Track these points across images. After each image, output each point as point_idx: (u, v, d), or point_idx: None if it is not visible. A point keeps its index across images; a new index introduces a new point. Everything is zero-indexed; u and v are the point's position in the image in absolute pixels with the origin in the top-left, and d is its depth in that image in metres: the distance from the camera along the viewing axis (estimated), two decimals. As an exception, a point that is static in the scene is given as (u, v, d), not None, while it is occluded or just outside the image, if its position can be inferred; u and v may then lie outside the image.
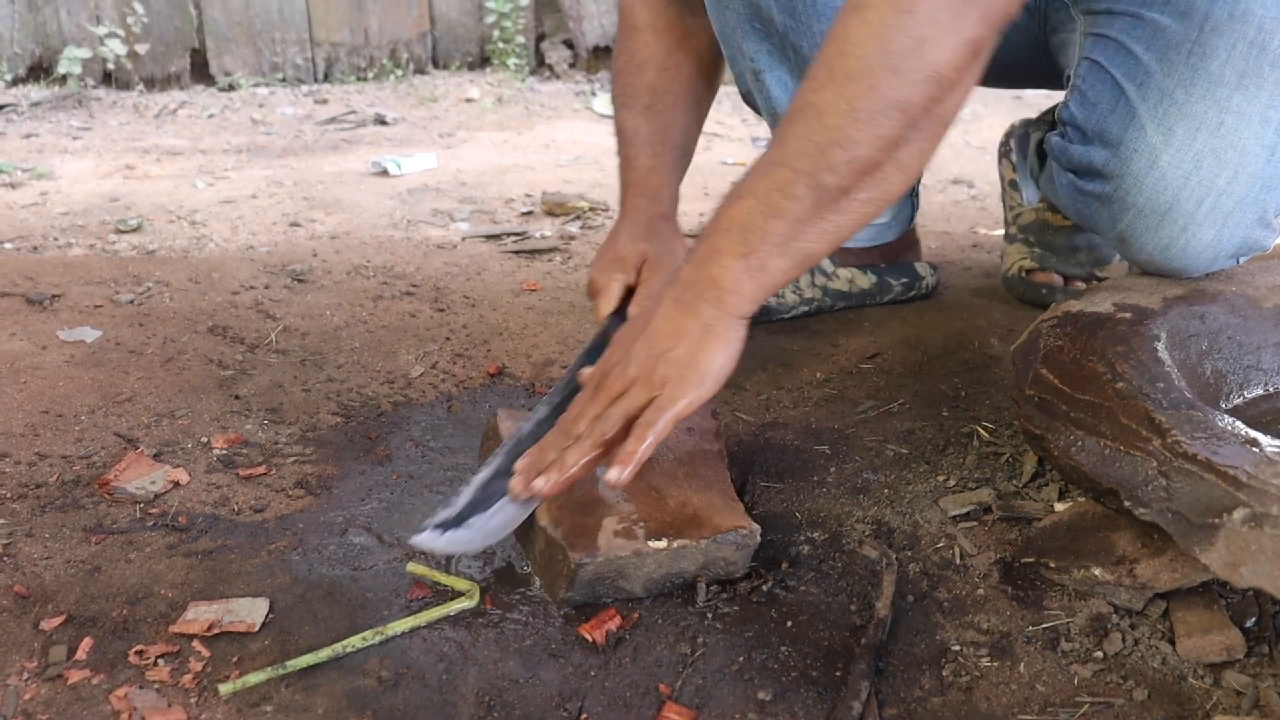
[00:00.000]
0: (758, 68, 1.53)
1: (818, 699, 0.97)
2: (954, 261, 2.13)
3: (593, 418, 1.12)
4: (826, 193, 1.06)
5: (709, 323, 1.11)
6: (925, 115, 1.04)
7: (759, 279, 1.10)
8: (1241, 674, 0.99)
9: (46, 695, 0.96)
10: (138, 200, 2.59)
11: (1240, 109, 1.25)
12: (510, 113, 3.77)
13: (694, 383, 1.10)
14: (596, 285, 1.50)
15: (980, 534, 1.21)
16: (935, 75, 1.02)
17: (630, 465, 1.07)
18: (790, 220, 1.07)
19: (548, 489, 1.10)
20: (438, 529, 1.11)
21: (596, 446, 1.10)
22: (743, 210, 1.09)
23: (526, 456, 1.15)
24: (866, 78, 1.02)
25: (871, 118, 1.03)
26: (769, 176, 1.08)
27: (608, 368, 1.15)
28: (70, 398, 1.50)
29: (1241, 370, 1.24)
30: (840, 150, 1.04)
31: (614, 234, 1.55)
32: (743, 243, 1.09)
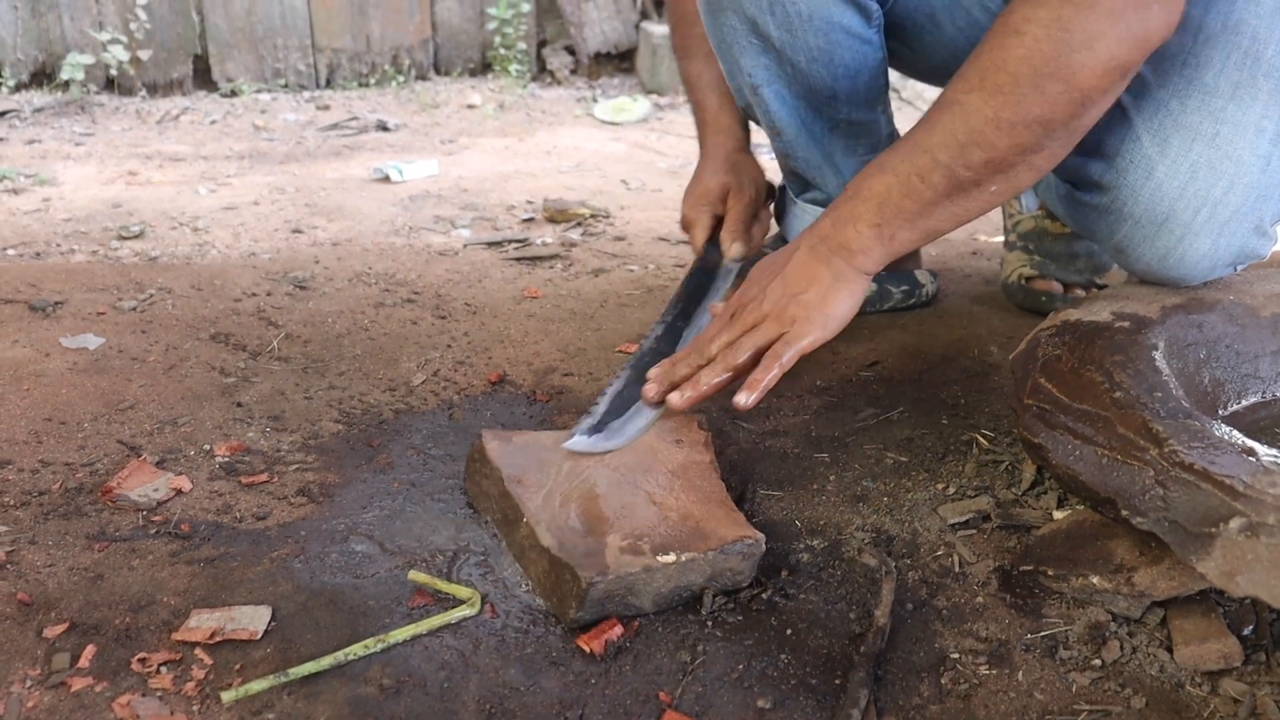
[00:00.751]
0: (755, 83, 1.53)
1: (817, 707, 0.98)
2: (954, 269, 2.13)
3: (726, 343, 1.26)
4: (960, 183, 1.18)
5: (839, 273, 1.25)
6: (1064, 128, 1.15)
7: (888, 245, 1.24)
8: (1239, 682, 0.99)
9: (50, 703, 0.97)
10: (140, 207, 2.60)
11: (1235, 119, 1.25)
12: (512, 119, 3.78)
13: (819, 323, 1.24)
14: (688, 220, 1.67)
15: (979, 542, 1.22)
16: (1082, 97, 1.11)
17: (757, 391, 1.21)
18: (923, 202, 1.20)
19: (683, 403, 1.25)
20: (584, 434, 1.28)
21: (728, 370, 1.24)
22: (883, 184, 1.22)
23: (659, 367, 1.30)
24: (1014, 93, 1.12)
25: (1013, 129, 1.13)
26: (911, 159, 1.19)
27: (744, 300, 1.29)
28: (73, 405, 1.51)
29: (1239, 378, 1.25)
30: (979, 151, 1.15)
31: (698, 171, 1.71)
32: (878, 213, 1.22)
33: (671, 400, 1.25)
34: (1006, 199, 1.23)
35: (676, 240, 2.36)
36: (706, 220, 1.66)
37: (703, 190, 1.68)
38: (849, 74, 1.51)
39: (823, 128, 1.60)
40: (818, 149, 1.63)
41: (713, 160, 1.71)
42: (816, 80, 1.51)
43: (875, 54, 1.52)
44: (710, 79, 1.72)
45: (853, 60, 1.49)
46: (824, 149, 1.63)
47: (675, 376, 1.28)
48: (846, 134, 1.62)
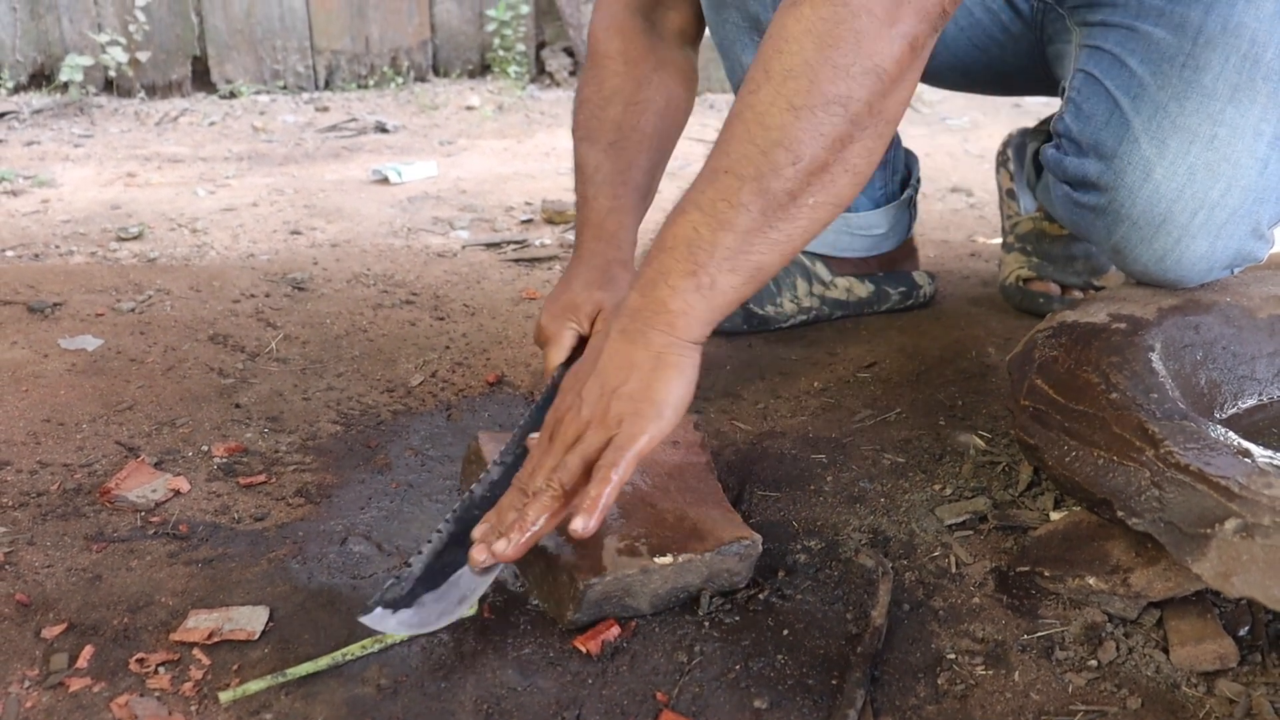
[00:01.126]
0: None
1: (814, 707, 0.98)
2: (952, 270, 2.14)
3: (550, 469, 1.05)
4: (774, 198, 1.02)
5: (660, 351, 1.06)
6: (868, 112, 1.02)
7: (709, 298, 1.05)
8: (1235, 683, 0.99)
9: (48, 703, 0.97)
10: (139, 208, 2.60)
11: (1233, 122, 1.26)
12: (510, 120, 3.78)
13: (651, 416, 1.04)
14: (546, 333, 1.42)
15: (976, 543, 1.22)
16: (875, 69, 1.00)
17: (595, 513, 1.00)
18: (738, 231, 1.03)
19: (511, 552, 1.02)
20: (387, 608, 1.03)
21: (558, 499, 1.04)
22: (688, 225, 1.05)
23: (484, 523, 1.07)
24: (805, 74, 1.00)
25: (813, 115, 1.00)
26: (713, 186, 1.04)
27: (560, 414, 1.09)
28: (71, 406, 1.51)
29: (1236, 380, 1.25)
30: (784, 151, 1.01)
31: (567, 278, 1.47)
32: (690, 259, 1.04)
33: (497, 550, 1.02)
34: (831, 216, 1.07)
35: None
36: (568, 338, 1.41)
37: (569, 302, 1.42)
38: None
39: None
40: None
41: (588, 269, 1.46)
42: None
43: None
44: (607, 174, 1.52)
45: None
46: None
47: (504, 525, 1.04)
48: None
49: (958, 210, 2.73)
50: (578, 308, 1.41)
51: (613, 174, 1.52)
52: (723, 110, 3.90)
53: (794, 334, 1.81)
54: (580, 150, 1.57)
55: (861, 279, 1.86)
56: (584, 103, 1.59)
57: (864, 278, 1.86)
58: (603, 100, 1.56)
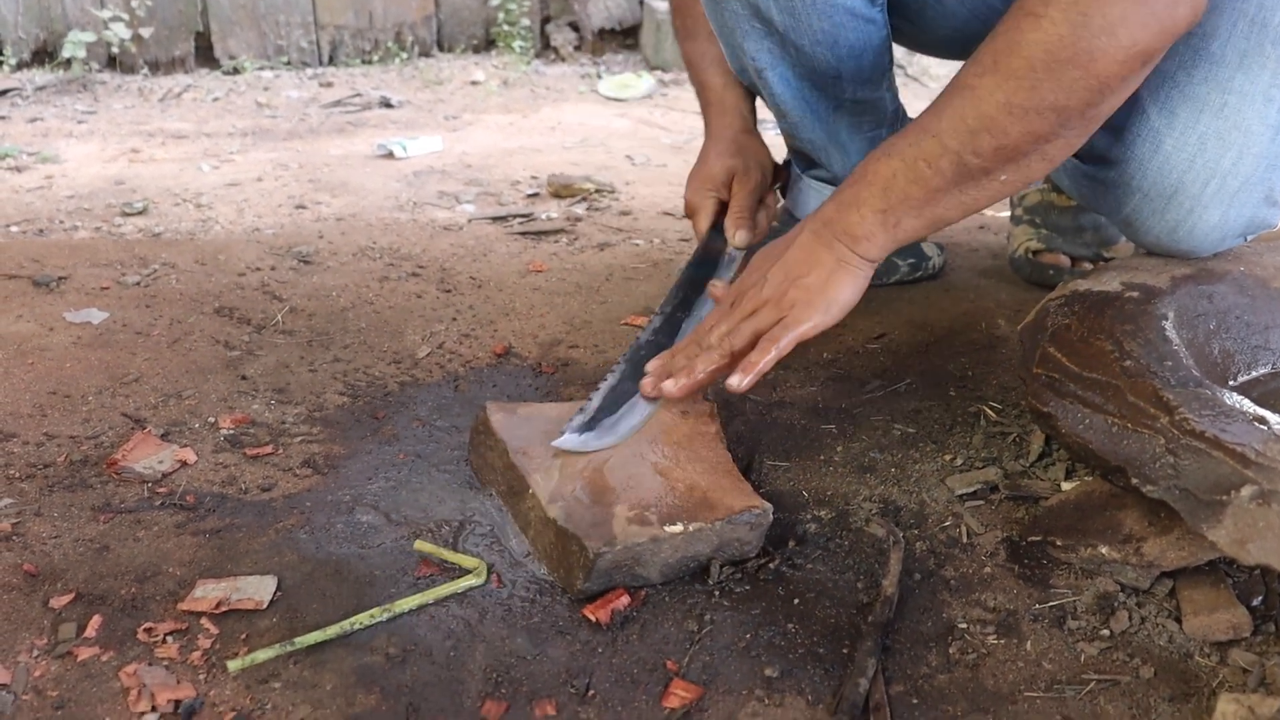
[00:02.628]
0: (759, 66, 1.51)
1: (825, 676, 0.98)
2: (960, 243, 2.12)
3: (725, 331, 1.21)
4: (968, 171, 1.13)
5: (842, 258, 1.20)
6: (1080, 117, 1.10)
7: (893, 233, 1.19)
8: (1248, 652, 0.99)
9: (56, 672, 0.97)
10: (143, 183, 2.59)
11: (1243, 89, 1.24)
12: (516, 95, 3.76)
13: (820, 308, 1.19)
14: (692, 205, 1.59)
15: (987, 513, 1.21)
16: (1099, 85, 1.07)
17: (752, 374, 1.16)
18: (930, 189, 1.15)
19: (677, 391, 1.20)
20: (575, 432, 1.21)
21: (725, 357, 1.20)
22: (889, 169, 1.17)
23: (658, 359, 1.26)
24: (1029, 78, 1.07)
25: (1026, 115, 1.09)
26: (918, 145, 1.15)
27: (744, 288, 1.24)
28: (77, 379, 1.51)
29: (1249, 350, 1.24)
30: (990, 137, 1.10)
31: (702, 154, 1.62)
32: (883, 198, 1.17)
33: (665, 389, 1.21)
34: (1017, 190, 1.18)
35: (682, 215, 2.35)
36: (710, 206, 1.57)
37: (707, 174, 1.60)
38: (853, 54, 1.49)
39: (827, 108, 1.59)
40: (823, 129, 1.62)
41: (718, 142, 1.62)
42: (820, 62, 1.49)
43: (879, 33, 1.50)
44: (714, 57, 1.65)
45: (857, 40, 1.48)
46: (829, 129, 1.62)
47: (673, 368, 1.23)
48: (851, 113, 1.60)
49: (965, 184, 2.71)
50: (715, 177, 1.58)
51: (718, 57, 1.64)
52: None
53: (802, 306, 1.80)
54: (685, 47, 1.72)
55: (870, 251, 1.85)
56: (678, 7, 1.74)
57: (873, 250, 1.86)
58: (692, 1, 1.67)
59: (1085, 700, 0.95)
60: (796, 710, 0.94)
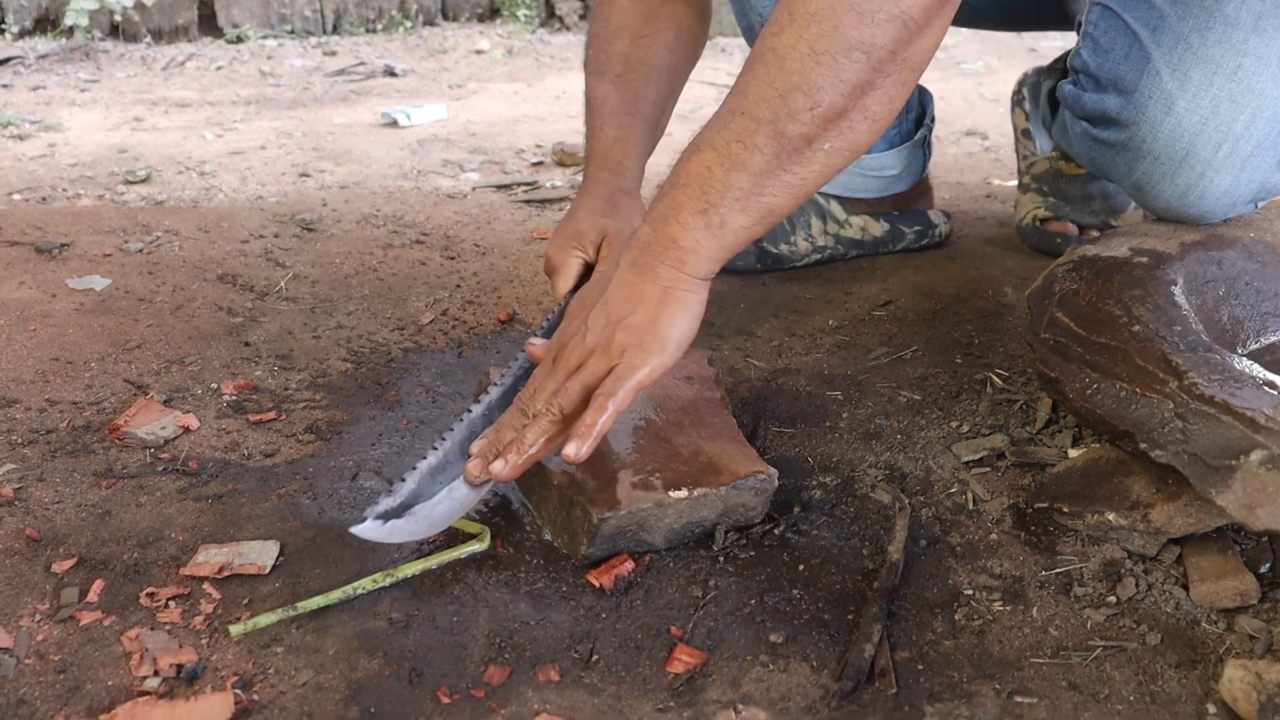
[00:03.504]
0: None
1: (829, 642, 0.97)
2: (967, 211, 2.11)
3: (551, 393, 1.08)
4: (789, 142, 1.02)
5: (668, 285, 1.07)
6: (892, 59, 1.00)
7: (719, 236, 1.06)
8: (1255, 619, 0.98)
9: (59, 636, 0.96)
10: (146, 152, 2.58)
11: (1257, 51, 1.23)
12: (520, 64, 3.75)
13: (654, 349, 1.06)
14: (553, 263, 1.41)
15: (993, 480, 1.21)
16: (901, 15, 0.98)
17: (589, 439, 1.02)
18: (751, 172, 1.03)
19: (507, 472, 1.05)
20: (379, 519, 1.05)
21: (556, 423, 1.06)
22: (701, 164, 1.05)
23: (482, 438, 1.10)
24: (829, 18, 0.98)
25: (835, 60, 0.98)
26: (728, 127, 1.03)
27: (564, 340, 1.11)
28: (80, 345, 1.50)
29: (1259, 316, 1.23)
30: (803, 96, 1.00)
31: (574, 209, 1.46)
32: (702, 198, 1.05)
33: (494, 470, 1.05)
34: (847, 161, 1.06)
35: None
36: (574, 267, 1.39)
37: (575, 231, 1.41)
38: None
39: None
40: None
41: (593, 198, 1.45)
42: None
43: None
44: (614, 105, 1.52)
45: None
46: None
47: (501, 443, 1.08)
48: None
49: (972, 153, 2.70)
50: (583, 235, 1.40)
51: (619, 105, 1.51)
52: (733, 54, 3.87)
53: (809, 272, 1.79)
54: (589, 84, 1.56)
55: (877, 218, 1.84)
56: (593, 38, 1.58)
57: (879, 217, 1.84)
58: (610, 34, 1.55)
59: (1091, 666, 0.94)
60: (801, 675, 0.93)
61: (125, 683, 0.91)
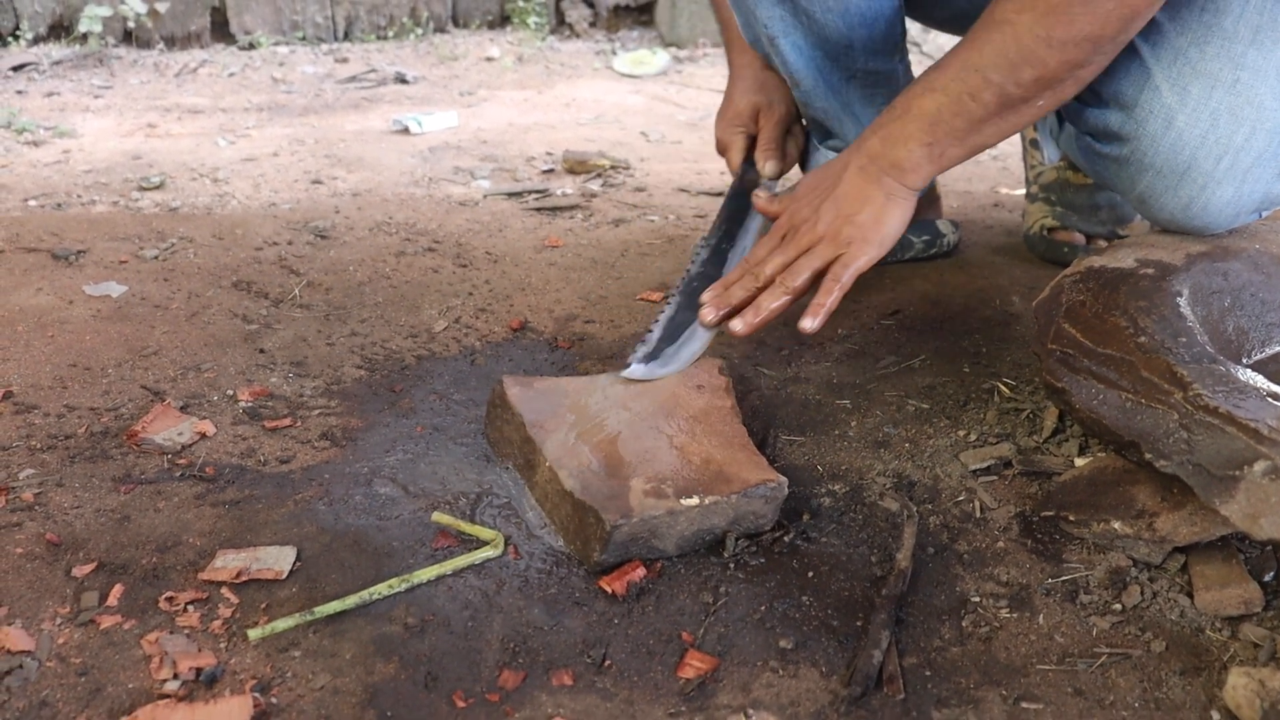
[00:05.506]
0: (771, 34, 1.51)
1: (838, 648, 0.99)
2: (975, 220, 2.12)
3: (781, 265, 1.29)
4: (1010, 100, 1.21)
5: (890, 192, 1.29)
6: (1112, 43, 1.18)
7: (938, 162, 1.28)
8: (1259, 627, 1.00)
9: (80, 640, 0.98)
10: (160, 158, 2.60)
11: (1255, 64, 1.24)
12: (530, 71, 3.76)
13: (875, 243, 1.28)
14: (722, 142, 1.66)
15: (1000, 488, 1.22)
16: (1130, 11, 1.14)
17: (821, 315, 1.26)
18: (974, 120, 1.24)
19: (745, 329, 1.28)
20: (640, 362, 1.30)
21: (789, 293, 1.28)
22: (933, 104, 1.25)
23: (712, 290, 1.33)
24: (1066, 12, 1.14)
25: (1064, 47, 1.16)
26: (961, 79, 1.22)
27: (795, 221, 1.32)
28: (97, 351, 1.52)
29: (1264, 327, 1.24)
30: (1030, 69, 1.18)
31: (728, 93, 1.70)
32: (930, 131, 1.26)
33: (734, 327, 1.28)
34: (1050, 111, 1.27)
35: (697, 191, 2.36)
36: (740, 141, 1.65)
37: (734, 112, 1.67)
38: (865, 23, 1.49)
39: (840, 78, 1.59)
40: (836, 99, 1.62)
41: (741, 81, 1.69)
42: (832, 30, 1.49)
43: (891, 2, 1.50)
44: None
45: (867, 8, 1.48)
46: (842, 99, 1.62)
47: (731, 299, 1.30)
48: (864, 84, 1.60)
49: (980, 162, 2.71)
50: (741, 113, 1.66)
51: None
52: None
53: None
54: None
55: (885, 227, 1.86)
56: None
57: (888, 226, 1.86)
58: None
59: (1097, 673, 0.96)
60: (810, 681, 0.95)
61: (145, 685, 0.93)
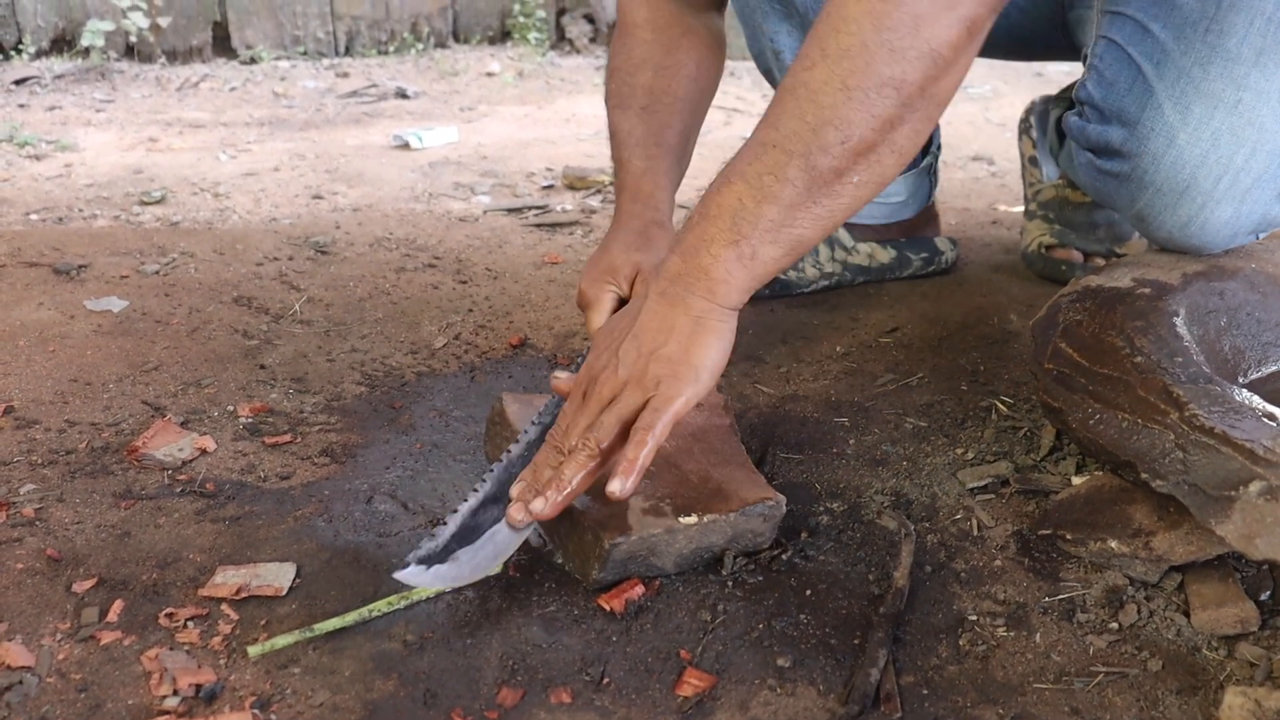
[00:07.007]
0: (778, 47, 1.52)
1: (836, 666, 0.99)
2: (973, 238, 2.13)
3: (585, 427, 1.07)
4: (820, 175, 1.03)
5: (700, 315, 1.08)
6: (921, 94, 1.02)
7: (750, 267, 1.07)
8: (1255, 646, 1.00)
9: (80, 655, 0.98)
10: (161, 172, 2.61)
11: (1258, 86, 1.24)
12: (531, 87, 3.78)
13: (689, 379, 1.06)
14: (587, 297, 1.42)
15: (998, 506, 1.22)
16: (931, 53, 1.00)
17: (634, 474, 1.03)
18: (783, 205, 1.04)
19: (548, 510, 1.04)
20: (421, 564, 1.05)
21: (593, 457, 1.06)
22: (733, 195, 1.06)
23: (520, 480, 1.09)
24: (861, 55, 1.00)
25: (866, 96, 1.00)
26: (760, 159, 1.05)
27: (595, 372, 1.10)
28: (98, 366, 1.52)
29: (1260, 347, 1.25)
30: (834, 130, 1.01)
31: (606, 242, 1.47)
32: (733, 229, 1.06)
33: (534, 509, 1.04)
34: (873, 194, 1.08)
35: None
36: (608, 301, 1.40)
37: (608, 265, 1.42)
38: None
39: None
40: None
41: (625, 232, 1.46)
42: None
43: None
44: (640, 137, 1.53)
45: None
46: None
47: (540, 483, 1.07)
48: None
49: (979, 178, 2.72)
50: (616, 270, 1.41)
51: (646, 137, 1.52)
52: (742, 77, 3.89)
53: (816, 299, 1.81)
54: (614, 118, 1.57)
55: (883, 244, 1.86)
56: (615, 71, 1.60)
57: (886, 243, 1.86)
58: (633, 67, 1.57)
59: (1094, 692, 0.96)
60: (808, 699, 0.95)
61: (145, 702, 0.93)
